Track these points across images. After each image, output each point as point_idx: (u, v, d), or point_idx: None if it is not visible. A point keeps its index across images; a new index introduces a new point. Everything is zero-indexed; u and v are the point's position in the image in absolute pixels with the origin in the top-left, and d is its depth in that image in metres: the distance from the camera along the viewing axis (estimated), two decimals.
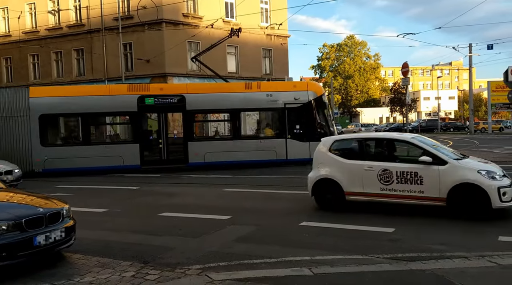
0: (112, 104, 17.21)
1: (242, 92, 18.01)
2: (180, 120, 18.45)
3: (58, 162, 16.46)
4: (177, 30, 27.17)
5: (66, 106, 16.95)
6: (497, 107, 47.45)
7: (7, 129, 16.47)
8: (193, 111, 17.62)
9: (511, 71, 18.71)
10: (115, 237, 7.17)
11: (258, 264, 5.49)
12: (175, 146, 17.84)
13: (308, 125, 17.84)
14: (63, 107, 16.97)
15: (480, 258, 5.44)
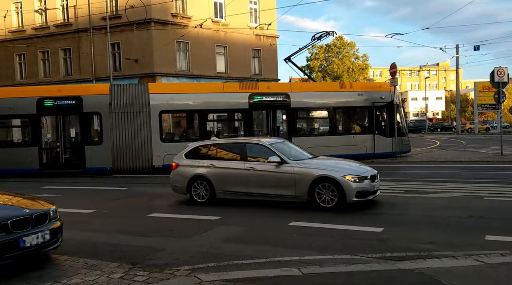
0: (226, 101, 17.95)
1: (337, 91, 19.72)
2: (284, 117, 19.48)
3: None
4: (165, 30, 27.05)
5: (183, 102, 17.62)
6: (483, 107, 48.04)
7: (128, 124, 16.77)
8: (296, 108, 18.75)
9: (497, 72, 18.92)
10: (102, 238, 7.11)
11: (248, 265, 5.47)
12: None
13: (390, 122, 19.49)
14: (181, 103, 17.61)
15: (467, 257, 5.48)
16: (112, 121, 16.65)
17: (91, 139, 17.22)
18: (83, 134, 17.02)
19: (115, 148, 16.60)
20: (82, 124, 17.07)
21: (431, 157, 20.25)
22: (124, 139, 16.69)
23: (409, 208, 9.01)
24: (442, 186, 11.46)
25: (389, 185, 12.00)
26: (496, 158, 18.66)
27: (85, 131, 17.08)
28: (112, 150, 16.57)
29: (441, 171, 15.61)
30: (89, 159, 16.57)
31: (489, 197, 9.73)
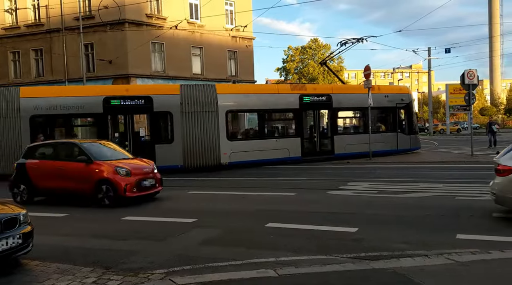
0: (280, 101, 19.24)
1: (364, 92, 20.48)
2: (327, 116, 20.75)
3: (241, 155, 17.69)
4: (140, 31, 26.78)
5: (246, 102, 18.65)
6: (454, 109, 49.20)
7: (198, 123, 17.37)
8: (337, 108, 20.32)
9: (468, 74, 19.39)
10: (75, 242, 6.97)
11: (224, 267, 5.45)
12: (324, 139, 20.28)
13: (409, 121, 22.18)
14: (244, 103, 18.62)
15: (439, 255, 5.59)
16: (183, 120, 17.20)
17: (161, 138, 17.67)
18: (154, 133, 17.54)
19: (186, 147, 17.18)
20: (152, 123, 17.68)
21: (404, 157, 20.60)
22: (194, 138, 17.25)
23: (383, 208, 9.13)
24: (415, 186, 11.68)
25: (363, 185, 12.17)
26: (467, 159, 19.11)
27: (155, 130, 17.64)
28: (183, 149, 17.14)
29: (414, 171, 15.90)
30: (159, 158, 16.51)
31: (460, 197, 9.95)
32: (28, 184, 11.03)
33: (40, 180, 10.88)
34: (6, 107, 16.44)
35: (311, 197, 10.91)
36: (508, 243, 6.10)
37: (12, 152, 16.15)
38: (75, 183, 10.43)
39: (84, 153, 10.58)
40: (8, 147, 16.36)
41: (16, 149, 16.13)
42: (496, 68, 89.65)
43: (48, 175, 10.79)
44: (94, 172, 10.27)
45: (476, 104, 66.31)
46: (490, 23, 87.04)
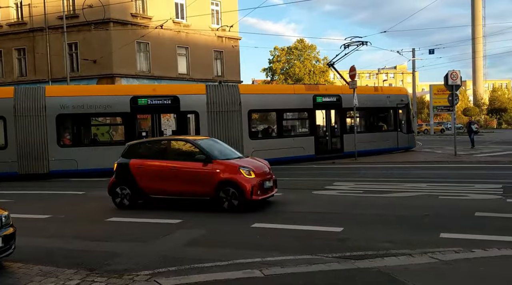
0: (296, 101, 19.79)
1: (373, 93, 22.47)
2: (337, 116, 21.38)
3: (262, 154, 17.35)
4: (125, 30, 26.54)
5: (266, 102, 19.11)
6: (438, 109, 49.77)
7: (223, 122, 17.82)
8: (346, 108, 20.91)
9: (451, 75, 19.64)
10: (59, 244, 6.87)
11: (209, 268, 5.42)
12: (335, 138, 21.01)
13: (407, 121, 23.54)
14: (265, 103, 19.10)
15: (423, 254, 5.64)
16: (208, 120, 17.63)
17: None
18: (180, 133, 17.54)
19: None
20: (179, 122, 18.04)
21: (389, 157, 20.78)
22: (219, 136, 17.18)
23: (368, 207, 9.19)
24: (400, 186, 11.79)
25: (349, 185, 12.24)
26: (450, 158, 19.35)
27: (181, 129, 17.76)
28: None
29: (398, 171, 16.04)
30: None
31: (444, 196, 10.07)
32: (133, 187, 9.78)
33: (147, 182, 9.66)
34: (31, 106, 16.31)
35: (297, 197, 10.93)
36: (491, 241, 6.18)
37: (38, 152, 16.23)
38: (191, 185, 9.29)
39: (201, 151, 9.41)
40: (34, 146, 16.26)
41: (41, 148, 16.23)
42: (479, 69, 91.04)
43: (158, 176, 9.61)
44: (215, 173, 9.08)
45: (460, 104, 67.21)
46: (473, 25, 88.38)
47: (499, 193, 10.19)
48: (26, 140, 16.21)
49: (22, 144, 16.19)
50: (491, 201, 9.41)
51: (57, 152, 16.43)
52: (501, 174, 13.89)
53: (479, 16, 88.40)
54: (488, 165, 16.83)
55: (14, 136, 16.15)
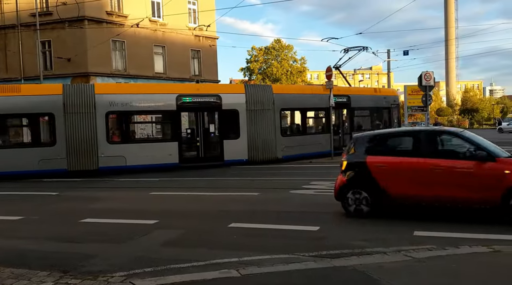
0: (316, 101, 20.92)
1: (373, 94, 24.72)
2: (346, 115, 23.07)
3: (290, 150, 19.19)
4: (100, 29, 26.13)
5: (294, 101, 20.06)
6: (412, 109, 50.41)
7: (258, 121, 18.81)
8: (354, 108, 22.81)
9: (425, 76, 20.01)
10: (31, 245, 6.72)
11: (186, 268, 5.39)
12: (346, 136, 22.11)
13: (398, 120, 25.84)
14: (293, 102, 19.98)
15: (397, 252, 5.74)
16: (247, 118, 18.56)
17: (229, 134, 18.58)
18: (222, 130, 18.54)
19: (250, 142, 18.59)
20: (221, 120, 18.66)
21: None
22: (256, 134, 18.67)
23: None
24: None
25: (325, 184, 12.34)
26: None
27: (223, 127, 18.61)
28: (248, 144, 18.54)
29: None
30: (227, 152, 18.18)
31: None
32: (374, 191, 8.02)
33: (395, 185, 7.86)
34: (81, 103, 16.43)
35: (274, 196, 10.97)
36: (463, 239, 6.34)
37: (88, 148, 16.44)
38: (463, 191, 7.38)
39: (478, 146, 7.57)
40: (84, 143, 16.41)
41: (91, 145, 16.47)
42: (452, 70, 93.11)
43: (411, 178, 7.77)
44: (502, 175, 7.18)
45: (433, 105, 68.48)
46: (446, 27, 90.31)
47: None
48: (75, 137, 16.34)
49: (72, 141, 16.31)
50: None
51: (106, 149, 16.74)
52: None
53: (451, 19, 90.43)
54: None
55: (64, 133, 16.26)
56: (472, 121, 72.76)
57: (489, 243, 6.03)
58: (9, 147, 16.58)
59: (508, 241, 6.21)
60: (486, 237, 6.40)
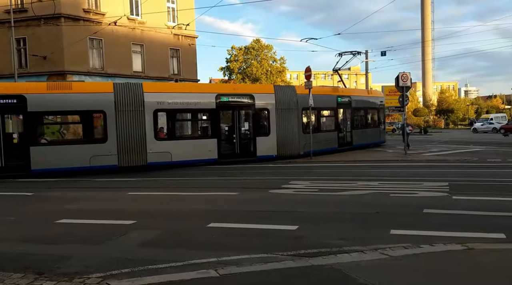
0: (325, 100, 22.87)
1: (367, 95, 27.63)
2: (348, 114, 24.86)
3: (308, 146, 20.45)
4: (77, 26, 25.71)
5: (314, 102, 20.66)
6: (390, 110, 51.25)
7: (285, 119, 20.30)
8: (354, 108, 24.96)
9: (402, 77, 20.33)
10: (5, 247, 6.57)
11: (164, 269, 5.35)
12: (348, 133, 24.49)
13: (384, 119, 29.28)
14: (313, 102, 20.68)
15: (374, 251, 5.81)
16: (277, 116, 19.97)
17: (261, 131, 19.91)
18: (255, 127, 19.80)
19: (279, 139, 20.00)
20: (254, 118, 19.87)
21: (343, 156, 21.25)
22: (283, 131, 20.11)
23: (323, 205, 9.37)
24: (353, 184, 12.08)
25: (304, 184, 12.43)
26: (401, 157, 20.05)
27: (256, 124, 19.88)
28: (277, 140, 19.94)
29: (352, 170, 16.46)
30: (259, 148, 19.57)
31: (394, 194, 10.41)
32: None
33: None
34: (131, 101, 17.12)
35: (253, 196, 10.98)
36: (437, 237, 6.45)
37: (137, 145, 17.09)
38: None
39: None
40: (133, 139, 17.04)
41: (140, 141, 17.13)
42: (428, 71, 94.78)
43: None
44: None
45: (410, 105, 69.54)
46: (422, 28, 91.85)
47: (445, 190, 10.65)
48: (125, 133, 16.94)
49: (122, 138, 16.89)
50: (438, 198, 9.81)
51: (154, 145, 17.46)
52: (448, 172, 14.53)
53: (428, 20, 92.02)
54: (436, 164, 17.57)
55: (114, 130, 16.80)
56: (447, 121, 74.20)
57: (462, 241, 6.15)
58: (62, 143, 17.31)
59: (481, 239, 6.36)
60: (459, 235, 6.53)
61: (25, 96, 15.90)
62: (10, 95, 15.95)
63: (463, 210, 8.41)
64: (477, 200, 9.58)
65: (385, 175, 14.29)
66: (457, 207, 8.71)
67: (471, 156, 19.89)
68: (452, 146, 27.03)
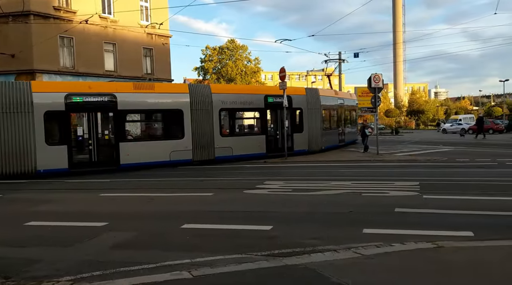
0: (340, 103, 26.68)
1: (349, 98, 30.01)
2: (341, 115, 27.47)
3: (327, 142, 23.56)
4: (47, 24, 25.09)
5: (329, 102, 24.47)
6: (362, 110, 52.04)
7: (313, 118, 22.71)
8: (345, 109, 27.97)
9: (374, 78, 20.65)
10: None
11: (136, 271, 5.27)
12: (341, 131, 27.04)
13: (356, 119, 31.91)
14: (328, 103, 24.20)
15: (347, 250, 5.87)
16: (308, 115, 22.46)
17: (296, 128, 22.32)
18: (292, 125, 22.03)
19: (309, 135, 22.47)
20: (291, 117, 21.99)
21: (316, 157, 21.42)
22: (312, 129, 22.52)
23: (297, 205, 9.42)
24: (326, 184, 12.19)
25: (279, 184, 12.47)
26: (373, 157, 20.34)
27: (292, 122, 22.12)
28: (308, 137, 22.42)
29: (325, 170, 16.60)
30: (295, 144, 22.00)
31: (367, 193, 10.55)
32: None
33: None
34: (203, 101, 18.96)
35: (228, 196, 10.96)
36: (409, 235, 6.57)
37: (207, 140, 18.97)
38: None
39: None
40: (204, 136, 18.93)
41: (210, 137, 19.05)
42: (399, 72, 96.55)
43: None
44: None
45: (382, 106, 70.79)
46: (394, 31, 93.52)
47: (416, 190, 10.86)
48: (198, 130, 18.77)
49: (196, 134, 18.68)
50: (409, 197, 10.00)
51: (219, 141, 19.43)
52: (418, 172, 14.83)
53: (399, 23, 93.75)
54: (407, 164, 17.90)
55: (190, 127, 18.56)
56: (418, 122, 75.69)
57: (433, 239, 6.28)
58: (146, 139, 19.12)
59: (450, 237, 6.51)
60: (430, 234, 6.67)
61: (115, 95, 17.15)
62: (104, 93, 17.14)
63: (433, 209, 8.60)
64: (446, 199, 9.81)
65: (358, 175, 14.48)
66: (428, 206, 8.89)
67: (440, 156, 20.34)
68: (423, 146, 27.59)
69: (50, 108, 15.93)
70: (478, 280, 4.80)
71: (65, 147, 16.23)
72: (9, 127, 15.34)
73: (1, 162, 15.23)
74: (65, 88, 16.76)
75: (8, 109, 15.28)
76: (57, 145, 16.17)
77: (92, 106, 16.79)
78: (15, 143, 15.35)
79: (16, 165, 15.35)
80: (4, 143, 15.28)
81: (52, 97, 16.05)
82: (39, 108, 15.64)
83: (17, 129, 15.38)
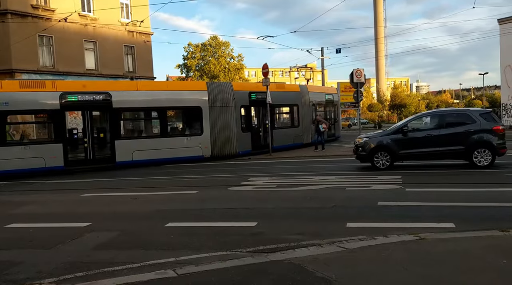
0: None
1: (334, 93, 30.99)
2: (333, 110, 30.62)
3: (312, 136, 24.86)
4: (25, 23, 24.67)
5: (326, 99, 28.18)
6: (345, 105, 52.38)
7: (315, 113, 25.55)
8: (335, 104, 30.75)
9: (356, 73, 20.79)
10: None
11: (120, 271, 5.23)
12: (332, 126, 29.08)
13: (338, 115, 32.95)
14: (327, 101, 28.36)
15: (331, 244, 5.91)
16: (303, 111, 24.36)
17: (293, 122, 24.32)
18: (291, 119, 24.44)
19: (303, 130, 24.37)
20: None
21: (300, 152, 21.51)
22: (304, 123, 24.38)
23: (282, 201, 9.45)
24: (310, 179, 12.25)
25: (263, 180, 12.49)
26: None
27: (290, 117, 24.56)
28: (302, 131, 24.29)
29: (309, 165, 16.67)
30: (294, 139, 23.65)
31: (350, 188, 10.64)
32: None
33: None
34: (222, 98, 19.75)
35: (212, 194, 10.93)
36: (392, 228, 6.64)
37: (228, 136, 19.72)
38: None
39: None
40: (224, 132, 19.71)
41: (230, 133, 19.86)
42: (381, 67, 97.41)
43: None
44: None
45: (364, 101, 71.20)
46: (375, 26, 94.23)
47: (399, 183, 10.99)
48: (217, 126, 19.41)
49: (215, 130, 19.31)
50: (392, 191, 10.11)
51: (240, 136, 20.22)
52: (401, 166, 14.97)
53: (380, 18, 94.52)
54: None
55: (208, 124, 19.13)
56: (400, 116, 76.37)
57: (415, 231, 6.36)
58: (145, 137, 19.55)
59: (432, 229, 6.60)
60: (412, 226, 6.76)
61: (110, 93, 17.37)
62: (98, 92, 17.38)
63: (415, 201, 8.72)
64: (428, 192, 9.95)
65: (341, 170, 14.58)
66: (410, 199, 9.01)
67: None
68: None
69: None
70: (459, 270, 4.87)
71: (60, 145, 16.31)
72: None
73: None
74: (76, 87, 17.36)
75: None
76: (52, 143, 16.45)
77: (88, 105, 17.06)
78: None
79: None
80: None
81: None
82: None
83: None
